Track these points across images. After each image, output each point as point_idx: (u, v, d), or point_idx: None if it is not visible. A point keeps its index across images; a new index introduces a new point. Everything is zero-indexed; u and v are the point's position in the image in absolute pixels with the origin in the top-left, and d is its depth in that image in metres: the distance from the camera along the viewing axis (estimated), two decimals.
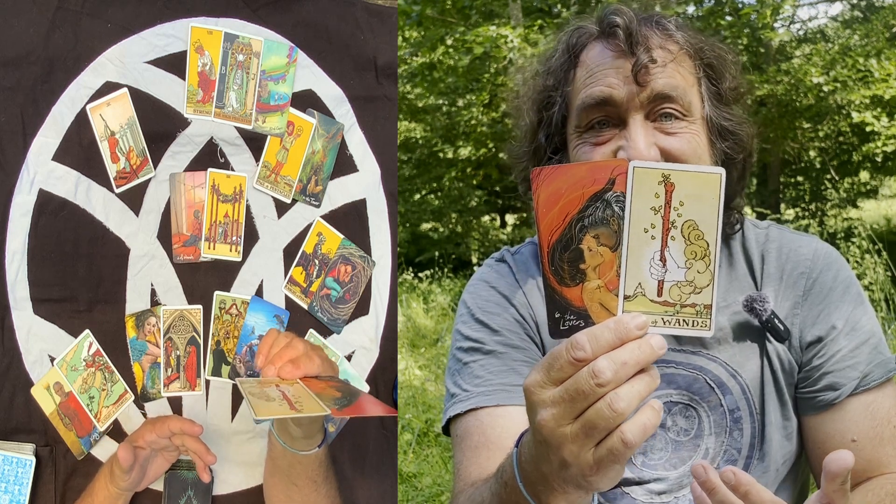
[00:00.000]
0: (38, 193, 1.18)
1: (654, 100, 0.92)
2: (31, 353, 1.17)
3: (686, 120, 0.94)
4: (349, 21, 1.28)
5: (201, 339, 1.23)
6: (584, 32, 1.00)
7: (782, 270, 1.03)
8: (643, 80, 0.91)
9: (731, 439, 0.99)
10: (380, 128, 1.29)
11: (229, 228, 1.24)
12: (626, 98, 0.92)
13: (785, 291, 1.01)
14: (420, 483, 3.31)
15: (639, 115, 0.92)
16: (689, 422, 0.99)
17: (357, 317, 1.27)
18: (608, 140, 0.94)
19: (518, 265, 1.10)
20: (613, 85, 0.93)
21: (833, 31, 11.43)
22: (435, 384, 4.98)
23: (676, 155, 0.92)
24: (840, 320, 1.00)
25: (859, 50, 7.92)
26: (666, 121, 0.93)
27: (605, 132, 0.95)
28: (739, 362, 1.00)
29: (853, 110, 7.85)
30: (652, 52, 0.92)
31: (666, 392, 0.99)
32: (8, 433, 1.16)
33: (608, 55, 0.95)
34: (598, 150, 0.94)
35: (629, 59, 0.92)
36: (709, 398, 0.99)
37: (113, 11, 1.21)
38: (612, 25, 0.94)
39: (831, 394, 0.98)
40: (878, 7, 10.17)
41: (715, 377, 0.99)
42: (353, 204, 1.27)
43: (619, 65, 0.93)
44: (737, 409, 0.99)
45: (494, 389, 0.99)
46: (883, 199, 11.95)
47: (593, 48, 0.98)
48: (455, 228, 11.82)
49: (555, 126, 1.00)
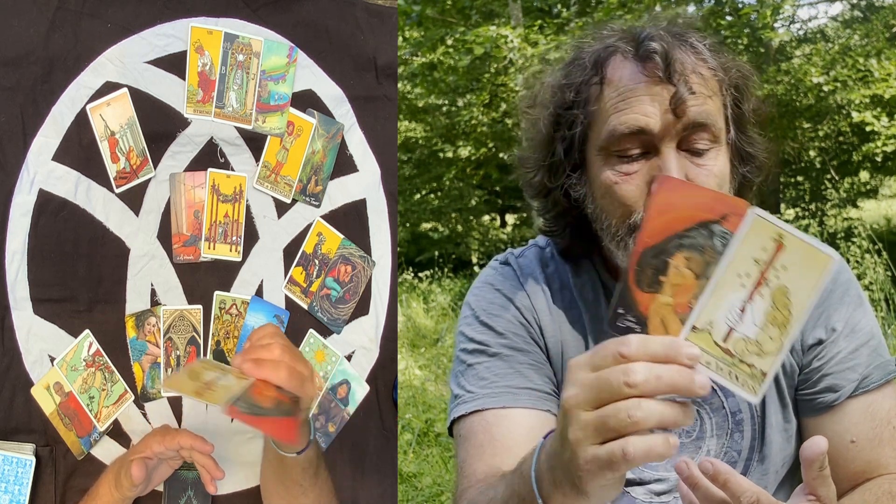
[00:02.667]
0: (38, 193, 1.18)
1: (689, 128, 0.90)
2: (31, 353, 1.17)
3: (713, 149, 0.93)
4: (349, 21, 1.28)
5: (201, 339, 1.22)
6: (612, 48, 0.96)
7: None
8: (681, 112, 0.89)
9: (732, 441, 0.99)
10: (380, 128, 1.29)
11: (229, 228, 1.24)
12: (662, 128, 0.90)
13: None
14: (420, 483, 3.31)
15: (672, 144, 0.90)
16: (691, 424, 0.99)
17: (357, 317, 1.27)
18: (638, 171, 0.92)
19: (522, 268, 1.09)
20: (650, 114, 0.90)
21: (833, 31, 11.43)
22: (435, 384, 4.98)
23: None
24: (840, 322, 1.00)
25: (859, 50, 7.92)
26: (695, 154, 0.92)
27: (635, 162, 0.92)
28: None
29: (853, 110, 7.85)
30: (688, 78, 0.90)
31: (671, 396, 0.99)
32: (8, 433, 1.16)
33: (642, 79, 0.91)
34: (629, 181, 0.92)
35: (665, 87, 0.89)
36: (711, 400, 0.99)
37: (113, 11, 1.21)
38: (651, 52, 0.90)
39: (831, 395, 0.98)
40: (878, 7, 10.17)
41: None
42: (353, 204, 1.27)
43: (656, 92, 0.90)
44: (738, 412, 0.99)
45: (500, 391, 0.98)
46: (883, 199, 11.94)
47: (624, 68, 0.94)
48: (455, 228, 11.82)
49: (576, 142, 0.97)
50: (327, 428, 1.24)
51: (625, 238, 0.93)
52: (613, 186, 0.93)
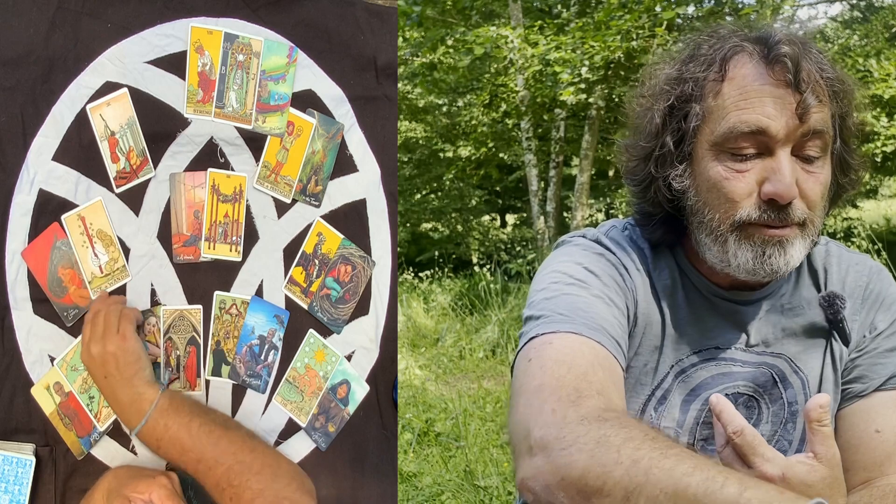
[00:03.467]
0: (38, 193, 1.18)
1: (807, 135, 0.91)
2: (31, 353, 1.17)
3: (822, 158, 0.94)
4: (349, 21, 1.28)
5: (201, 339, 1.23)
6: (739, 48, 0.96)
7: (843, 282, 1.08)
8: (805, 119, 0.90)
9: (785, 430, 1.03)
10: (380, 128, 1.29)
11: (229, 228, 1.24)
12: (784, 132, 0.91)
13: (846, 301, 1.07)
14: (420, 483, 3.31)
15: (787, 148, 0.92)
16: (749, 411, 1.04)
17: (357, 317, 1.27)
18: (750, 170, 0.93)
19: (616, 241, 1.08)
20: (771, 116, 0.91)
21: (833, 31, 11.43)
22: (435, 384, 4.98)
23: (810, 197, 0.93)
24: (883, 323, 1.06)
25: (859, 50, 7.92)
26: (805, 161, 0.93)
27: (749, 161, 0.93)
28: (803, 360, 1.05)
29: None
30: (814, 88, 0.91)
31: (734, 384, 1.04)
32: (8, 433, 1.16)
33: (768, 81, 0.92)
34: (740, 179, 0.93)
35: (790, 92, 0.90)
36: (771, 391, 1.04)
37: (113, 11, 1.21)
38: (781, 55, 0.91)
39: (859, 386, 1.03)
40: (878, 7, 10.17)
41: (779, 371, 1.04)
42: (353, 204, 1.27)
43: (780, 95, 0.91)
44: (795, 403, 1.04)
45: (592, 321, 0.94)
46: (883, 199, 11.95)
47: (747, 66, 0.94)
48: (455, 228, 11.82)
49: (687, 135, 0.98)
50: (327, 428, 1.24)
51: (725, 234, 0.95)
52: (723, 182, 0.94)
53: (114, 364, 1.09)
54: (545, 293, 0.99)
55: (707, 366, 1.04)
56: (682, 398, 1.03)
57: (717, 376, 1.04)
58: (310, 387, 1.24)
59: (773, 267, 0.93)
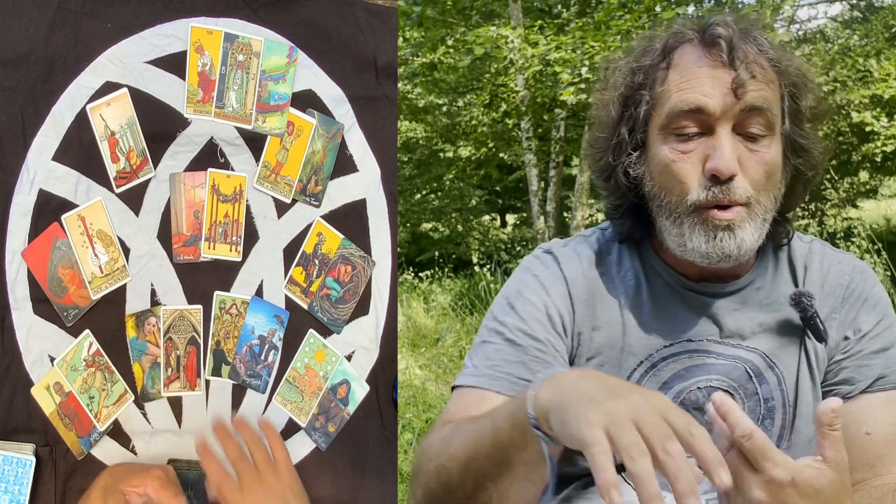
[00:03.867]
0: (38, 193, 1.18)
1: (746, 111, 0.95)
2: (31, 353, 1.17)
3: (767, 137, 0.97)
4: (349, 21, 1.28)
5: (201, 339, 1.23)
6: (681, 36, 1.02)
7: (824, 280, 1.08)
8: (740, 94, 0.94)
9: (763, 427, 1.02)
10: (380, 128, 1.29)
11: (229, 228, 1.24)
12: (720, 108, 0.95)
13: (825, 298, 1.07)
14: None
15: (727, 126, 0.95)
16: None
17: (357, 317, 1.27)
18: (694, 150, 0.97)
19: (565, 256, 1.12)
20: (709, 94, 0.95)
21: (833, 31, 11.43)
22: (435, 384, 4.98)
23: (751, 174, 0.96)
24: (868, 325, 1.06)
25: (859, 50, 7.92)
26: (749, 139, 0.97)
27: (692, 141, 0.97)
28: (778, 356, 1.05)
29: (853, 110, 7.85)
30: (749, 65, 0.95)
31: (706, 377, 1.04)
32: (8, 433, 1.16)
33: (706, 63, 0.97)
34: (686, 160, 0.98)
35: (727, 71, 0.95)
36: (746, 386, 1.03)
37: (113, 11, 1.21)
38: (716, 36, 0.96)
39: (846, 387, 1.03)
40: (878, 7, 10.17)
41: (754, 367, 1.04)
42: (353, 204, 1.27)
43: (717, 75, 0.96)
44: (771, 399, 1.04)
45: (501, 376, 1.02)
46: (882, 199, 11.95)
47: (689, 53, 1.00)
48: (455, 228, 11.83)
49: (639, 123, 1.03)
50: (327, 428, 1.24)
51: (682, 216, 0.98)
52: (671, 164, 0.98)
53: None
54: (478, 336, 1.10)
55: (680, 358, 1.04)
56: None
57: (690, 368, 1.04)
58: (310, 387, 1.24)
59: (724, 251, 0.96)
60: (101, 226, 1.20)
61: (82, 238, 1.19)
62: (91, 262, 1.19)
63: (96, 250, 1.19)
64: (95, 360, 1.19)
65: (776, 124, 0.98)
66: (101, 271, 1.20)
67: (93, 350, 1.19)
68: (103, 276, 1.20)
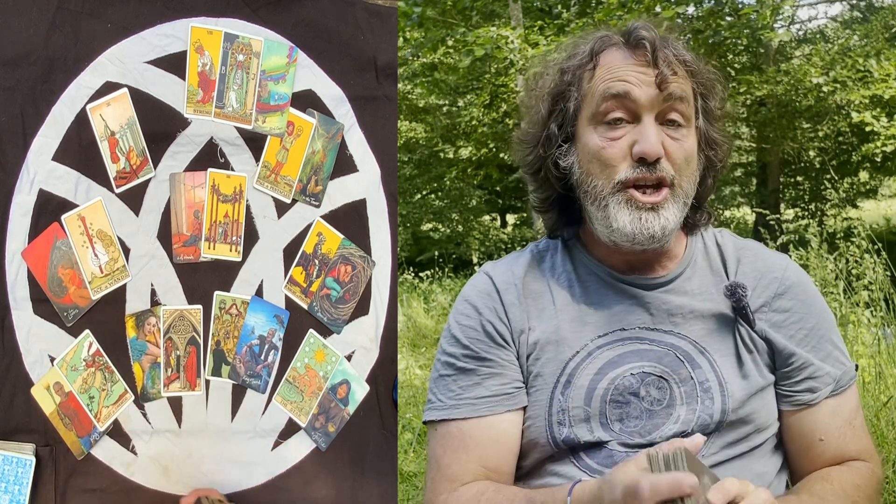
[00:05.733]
0: (38, 193, 1.18)
1: (668, 100, 1.04)
2: (31, 353, 1.17)
3: (685, 128, 1.07)
4: (349, 21, 1.28)
5: (201, 339, 1.23)
6: (608, 40, 1.11)
7: (758, 273, 1.14)
8: (663, 88, 1.04)
9: (703, 407, 1.07)
10: (380, 128, 1.29)
11: (229, 228, 1.24)
12: (645, 97, 1.04)
13: (757, 290, 1.12)
14: (420, 483, 3.31)
15: (652, 115, 1.04)
16: (661, 392, 1.08)
17: (357, 317, 1.27)
18: (622, 136, 1.05)
19: (497, 273, 1.18)
20: (634, 83, 1.04)
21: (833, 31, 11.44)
22: None
23: (674, 158, 1.05)
24: (815, 329, 1.11)
25: (859, 50, 7.92)
26: (671, 127, 1.05)
27: (620, 128, 1.05)
28: (708, 342, 1.10)
29: (853, 110, 7.85)
30: (671, 65, 1.06)
31: (639, 364, 1.09)
32: (8, 433, 1.16)
33: (632, 62, 1.06)
34: (614, 145, 1.05)
35: (651, 69, 1.05)
36: (679, 370, 1.08)
37: (113, 11, 1.21)
38: (641, 39, 1.06)
39: (809, 395, 1.09)
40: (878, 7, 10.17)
41: (685, 352, 1.09)
42: (353, 204, 1.27)
43: (642, 71, 1.05)
44: (706, 381, 1.08)
45: (463, 404, 1.10)
46: (882, 199, 11.94)
47: (615, 54, 1.09)
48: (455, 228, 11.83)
49: (568, 118, 1.10)
50: (327, 428, 1.24)
51: (607, 198, 1.05)
52: (601, 151, 1.05)
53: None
54: (433, 372, 1.16)
55: (613, 346, 1.09)
56: (589, 379, 1.08)
57: (623, 355, 1.08)
58: (310, 387, 1.24)
59: (650, 231, 1.03)
60: (101, 226, 1.20)
61: (82, 238, 1.19)
62: (91, 262, 1.19)
63: (96, 250, 1.20)
64: (95, 360, 1.19)
65: (692, 118, 1.08)
66: (101, 271, 1.20)
67: (93, 350, 1.19)
68: (103, 276, 1.20)
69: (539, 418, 1.09)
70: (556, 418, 1.08)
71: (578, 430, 1.06)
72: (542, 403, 1.09)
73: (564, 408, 1.08)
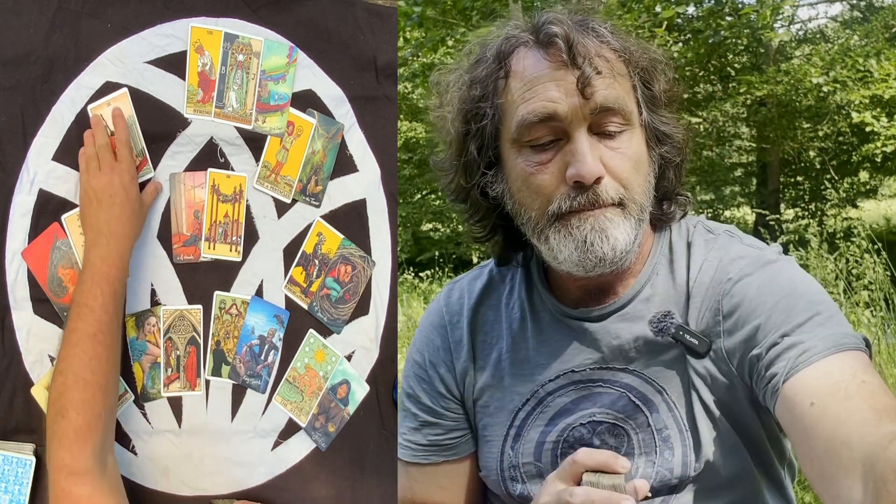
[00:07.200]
0: (38, 193, 1.18)
1: (598, 112, 0.89)
2: (31, 353, 1.17)
3: (626, 131, 0.92)
4: (349, 21, 1.28)
5: (201, 339, 1.23)
6: (515, 40, 0.95)
7: (716, 283, 0.95)
8: (588, 94, 0.88)
9: (662, 459, 0.94)
10: (380, 128, 1.29)
11: (229, 228, 1.24)
12: (570, 112, 0.88)
13: (708, 300, 0.95)
14: None
15: (583, 128, 0.89)
16: (618, 440, 0.95)
17: (357, 317, 1.27)
18: (552, 159, 0.91)
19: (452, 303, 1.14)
20: (556, 99, 0.89)
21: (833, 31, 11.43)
22: None
23: (618, 173, 0.90)
24: (771, 319, 0.90)
25: (859, 50, 7.91)
26: (607, 137, 0.91)
27: (549, 150, 0.91)
28: (665, 378, 0.95)
29: (853, 110, 7.85)
30: (592, 60, 0.89)
31: (590, 412, 0.97)
32: (8, 433, 1.16)
33: (545, 66, 0.90)
34: (544, 170, 0.91)
35: (570, 71, 0.88)
36: (635, 416, 0.95)
37: (113, 11, 1.21)
38: (551, 35, 0.89)
39: (776, 376, 0.87)
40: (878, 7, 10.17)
41: (640, 394, 0.95)
42: (353, 204, 1.27)
43: (560, 76, 0.89)
44: (665, 429, 0.94)
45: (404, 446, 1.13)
46: (882, 199, 11.94)
47: (527, 57, 0.93)
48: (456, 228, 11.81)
49: (487, 138, 0.95)
50: (327, 428, 1.24)
51: (545, 230, 0.92)
52: (530, 177, 0.91)
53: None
54: (402, 396, 1.16)
55: (566, 391, 0.98)
56: (539, 431, 0.98)
57: (577, 401, 0.97)
58: (310, 387, 1.24)
59: (597, 255, 0.89)
60: None
61: (82, 238, 1.19)
62: None
63: None
64: None
65: (633, 117, 0.92)
66: None
67: None
68: None
69: (493, 471, 1.02)
70: (508, 474, 1.00)
71: (532, 486, 0.97)
72: (494, 457, 1.01)
73: (515, 463, 0.99)
